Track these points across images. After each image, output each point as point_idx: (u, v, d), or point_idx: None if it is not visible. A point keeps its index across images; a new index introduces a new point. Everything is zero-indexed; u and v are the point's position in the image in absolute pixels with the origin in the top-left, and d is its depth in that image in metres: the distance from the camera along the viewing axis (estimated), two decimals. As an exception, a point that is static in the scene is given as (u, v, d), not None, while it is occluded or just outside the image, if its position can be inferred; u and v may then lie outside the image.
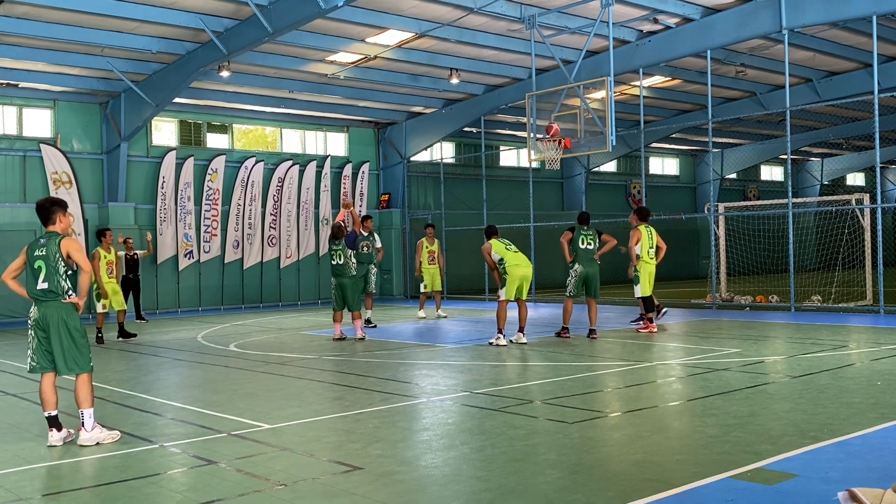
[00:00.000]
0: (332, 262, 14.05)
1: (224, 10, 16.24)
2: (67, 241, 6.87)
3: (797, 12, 16.72)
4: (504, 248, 12.71)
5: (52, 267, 6.74)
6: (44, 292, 6.76)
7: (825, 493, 4.82)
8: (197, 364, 11.72)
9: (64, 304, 6.78)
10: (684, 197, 36.07)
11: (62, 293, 6.77)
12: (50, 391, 6.79)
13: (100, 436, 6.70)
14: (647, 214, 14.52)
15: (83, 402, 6.74)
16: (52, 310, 6.75)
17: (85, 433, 6.67)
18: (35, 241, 6.93)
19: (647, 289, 14.11)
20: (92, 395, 6.84)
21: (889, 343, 11.72)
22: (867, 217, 18.26)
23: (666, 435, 6.56)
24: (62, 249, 6.78)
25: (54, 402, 6.77)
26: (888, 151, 33.97)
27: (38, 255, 6.80)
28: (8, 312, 19.97)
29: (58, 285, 6.76)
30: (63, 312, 6.77)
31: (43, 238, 6.89)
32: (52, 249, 6.77)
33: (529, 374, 10.16)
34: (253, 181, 23.34)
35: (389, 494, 5.13)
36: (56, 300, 6.76)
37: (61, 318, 6.75)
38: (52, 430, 6.70)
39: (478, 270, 24.63)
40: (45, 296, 6.77)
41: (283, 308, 23.21)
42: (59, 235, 6.89)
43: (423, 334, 15.02)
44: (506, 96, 22.86)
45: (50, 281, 6.74)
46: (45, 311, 6.76)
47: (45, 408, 6.76)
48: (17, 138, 20.78)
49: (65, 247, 6.80)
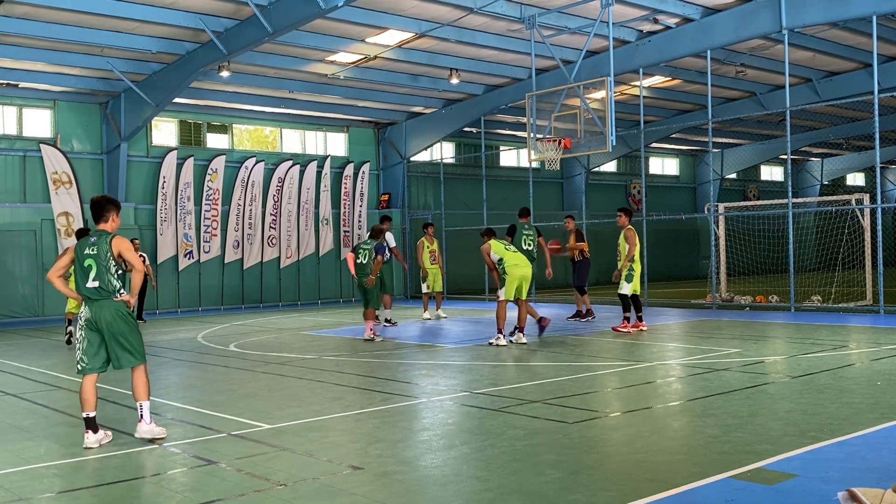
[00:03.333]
0: (357, 262, 14.09)
1: (224, 10, 16.24)
2: (118, 239, 6.92)
3: (797, 12, 16.73)
4: (503, 247, 12.71)
5: (103, 266, 6.76)
6: (95, 290, 6.76)
7: (825, 493, 4.82)
8: (197, 364, 11.72)
9: (115, 301, 6.80)
10: (684, 197, 36.07)
11: (114, 291, 6.79)
12: (91, 392, 6.76)
13: (155, 429, 6.75)
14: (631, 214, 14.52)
15: (142, 394, 6.79)
16: (104, 308, 6.77)
17: (144, 425, 6.72)
18: (84, 240, 6.91)
19: (637, 287, 14.08)
20: (149, 388, 6.88)
21: (889, 343, 11.72)
22: (867, 217, 18.26)
23: (666, 435, 6.56)
24: (113, 248, 6.81)
25: (94, 403, 6.74)
26: (888, 151, 33.98)
27: (88, 253, 6.79)
28: (8, 312, 19.99)
29: (109, 283, 6.77)
30: (115, 309, 6.80)
31: (93, 237, 6.88)
32: (104, 248, 6.79)
33: (529, 374, 10.16)
34: (253, 181, 23.34)
35: (389, 494, 5.13)
36: (108, 298, 6.78)
37: (114, 315, 6.78)
38: (89, 431, 6.63)
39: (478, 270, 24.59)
40: (97, 294, 6.77)
41: (283, 308, 23.21)
42: (110, 234, 6.91)
43: (423, 334, 15.01)
44: (506, 96, 22.86)
45: (101, 279, 6.75)
46: (98, 310, 6.76)
47: (85, 408, 6.70)
48: (17, 138, 20.79)
49: (116, 245, 6.84)
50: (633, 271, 13.95)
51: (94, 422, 6.67)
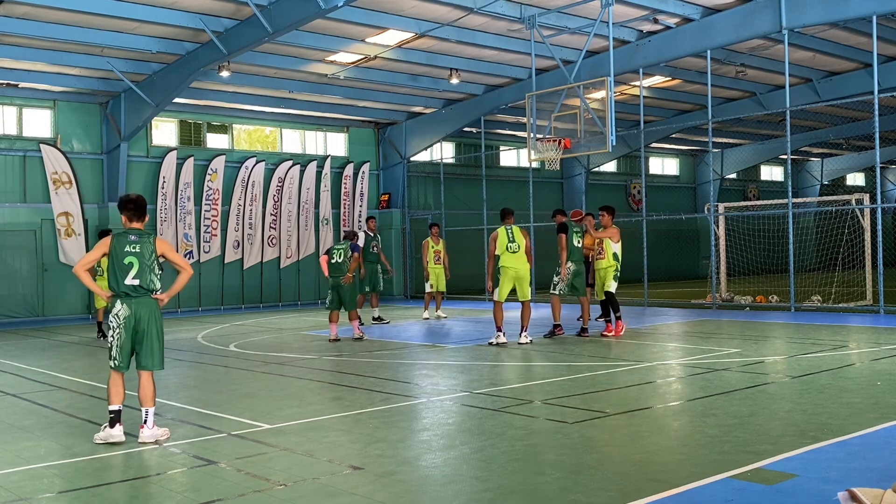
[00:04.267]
0: (331, 261, 14.07)
1: (224, 10, 16.24)
2: (162, 241, 7.03)
3: (797, 12, 16.72)
4: (506, 246, 12.65)
5: (147, 264, 6.83)
6: (135, 288, 6.81)
7: (825, 493, 4.82)
8: (197, 364, 11.72)
9: (153, 299, 6.89)
10: (684, 197, 36.06)
11: (153, 290, 6.87)
12: (121, 386, 6.83)
13: (158, 433, 6.76)
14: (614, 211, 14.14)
15: (149, 400, 6.80)
16: (143, 306, 6.84)
17: (147, 430, 6.72)
18: (123, 237, 6.91)
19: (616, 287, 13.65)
20: (155, 395, 6.91)
21: (889, 343, 11.72)
22: (867, 217, 18.26)
23: (666, 435, 6.56)
24: (158, 248, 6.90)
25: (122, 397, 6.81)
26: (888, 151, 33.97)
27: (130, 251, 6.83)
28: (8, 312, 19.99)
29: (150, 282, 6.85)
30: (154, 308, 6.90)
31: (133, 234, 6.91)
32: (148, 248, 6.86)
33: (529, 374, 10.16)
34: (253, 181, 23.35)
35: (389, 494, 5.12)
36: (147, 296, 6.86)
37: (151, 314, 6.87)
38: (118, 425, 6.69)
39: (478, 270, 24.65)
40: (136, 292, 6.82)
41: (283, 308, 23.21)
42: (152, 234, 6.99)
43: (423, 334, 15.02)
44: (506, 96, 22.85)
45: (142, 278, 6.82)
46: (137, 307, 6.83)
47: (113, 401, 6.75)
48: (17, 138, 20.78)
49: (161, 246, 6.95)
50: (618, 271, 13.58)
51: (119, 416, 6.73)
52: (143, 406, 6.81)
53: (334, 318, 14.07)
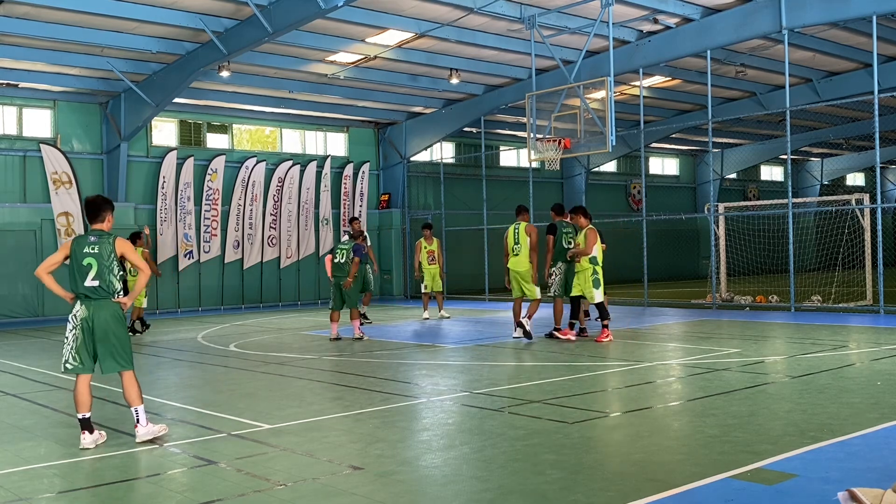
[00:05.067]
0: (334, 261, 14.09)
1: (224, 10, 16.24)
2: (122, 241, 6.89)
3: (797, 12, 16.72)
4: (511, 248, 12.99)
5: (106, 266, 6.72)
6: (94, 290, 6.71)
7: (825, 493, 4.82)
8: (197, 364, 11.72)
9: (113, 302, 6.77)
10: (684, 197, 36.07)
11: (113, 292, 6.76)
12: (86, 392, 6.73)
13: (154, 429, 6.73)
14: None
15: (135, 399, 6.74)
16: (101, 309, 6.73)
17: (142, 429, 6.68)
18: (82, 238, 6.82)
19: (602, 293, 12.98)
20: (140, 391, 6.84)
21: (889, 343, 11.72)
22: (867, 217, 18.26)
23: (666, 435, 6.56)
24: (117, 249, 6.78)
25: (89, 403, 6.71)
26: (888, 151, 33.97)
27: (88, 252, 6.71)
28: (8, 312, 19.98)
29: (109, 284, 6.73)
30: (112, 311, 6.77)
31: (92, 235, 6.81)
32: (107, 248, 6.74)
33: (529, 374, 10.15)
34: (254, 181, 23.35)
35: (389, 494, 5.12)
36: (106, 298, 6.74)
37: (111, 316, 6.75)
38: (85, 432, 6.59)
39: (478, 270, 24.67)
40: (95, 293, 6.72)
41: (283, 308, 23.21)
42: (112, 235, 6.88)
43: (423, 334, 15.02)
44: (506, 96, 22.85)
45: (101, 279, 6.71)
46: (95, 310, 6.72)
47: (80, 409, 6.66)
48: (17, 138, 20.78)
49: (120, 247, 6.81)
50: (598, 275, 12.84)
51: (89, 423, 6.64)
52: (131, 406, 6.76)
53: (335, 318, 14.10)
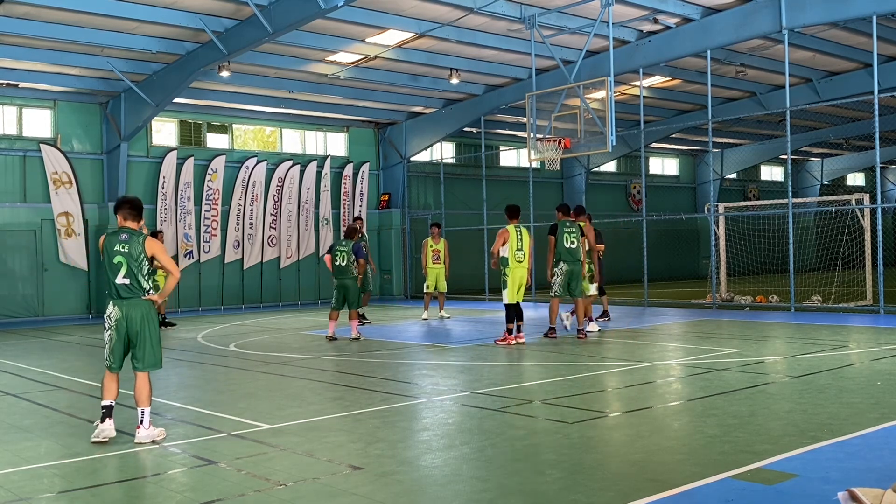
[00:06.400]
0: (334, 263, 14.08)
1: (224, 10, 16.24)
2: (152, 242, 6.90)
3: (797, 12, 16.72)
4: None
5: (135, 265, 6.76)
6: (126, 288, 6.76)
7: (825, 493, 4.82)
8: (197, 364, 11.72)
9: (144, 300, 6.82)
10: (684, 197, 36.06)
11: (143, 291, 6.80)
12: (114, 385, 6.84)
13: (154, 433, 6.75)
14: (516, 212, 13.10)
15: (144, 400, 6.78)
16: (134, 308, 6.79)
17: (143, 430, 6.70)
18: (113, 235, 6.86)
19: (513, 296, 12.65)
20: (151, 395, 6.88)
21: (889, 343, 11.72)
22: (867, 217, 18.26)
23: (666, 435, 6.56)
24: (147, 249, 6.81)
25: (115, 394, 6.83)
26: (888, 151, 33.97)
27: (118, 250, 6.76)
28: (8, 312, 19.98)
29: (139, 283, 6.78)
30: (145, 309, 6.82)
31: (123, 234, 6.83)
32: (136, 248, 6.77)
33: (529, 374, 10.16)
34: (254, 181, 23.35)
35: (389, 494, 5.13)
36: (137, 297, 6.79)
37: (144, 315, 6.81)
38: (108, 420, 6.70)
39: (478, 270, 24.65)
40: (127, 292, 6.77)
41: (283, 308, 23.21)
42: (143, 234, 6.90)
43: (423, 334, 15.02)
44: (506, 96, 22.85)
45: (131, 277, 6.76)
46: (128, 309, 6.78)
47: (105, 397, 6.78)
48: (17, 138, 20.78)
49: (150, 247, 6.84)
50: (506, 276, 12.74)
51: (110, 411, 6.73)
52: (138, 406, 6.80)
53: (334, 317, 14.12)
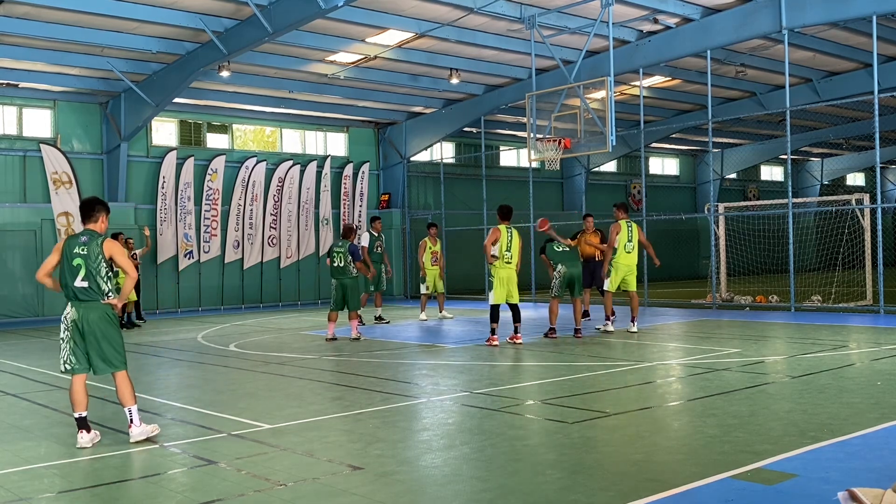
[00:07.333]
0: (332, 264, 14.06)
1: (224, 10, 16.24)
2: (110, 243, 6.82)
3: (797, 12, 16.72)
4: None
5: (94, 267, 6.67)
6: (83, 291, 6.68)
7: (825, 493, 4.82)
8: (197, 364, 11.72)
9: (103, 304, 6.74)
10: (684, 197, 36.07)
11: (102, 294, 6.72)
12: (82, 392, 6.72)
13: (147, 429, 6.73)
14: (508, 213, 12.82)
15: (128, 399, 6.74)
16: (91, 310, 6.70)
17: (136, 429, 6.68)
18: (74, 238, 6.80)
19: (499, 296, 12.61)
20: (134, 391, 6.84)
21: (889, 343, 11.72)
22: (867, 217, 18.26)
23: (666, 435, 6.56)
24: (105, 251, 6.73)
25: (85, 403, 6.71)
26: (888, 151, 33.97)
27: (77, 252, 6.68)
28: (8, 312, 19.98)
29: (98, 286, 6.69)
30: (102, 312, 6.73)
31: (84, 236, 6.77)
32: (95, 250, 6.69)
33: (529, 374, 10.16)
34: (254, 181, 23.34)
35: (389, 494, 5.12)
36: (95, 300, 6.70)
37: (100, 317, 6.72)
38: (82, 431, 6.60)
39: (478, 270, 24.64)
40: (85, 294, 6.68)
41: (283, 308, 23.20)
42: (101, 236, 6.83)
43: (423, 334, 15.02)
44: (506, 96, 22.85)
45: (89, 280, 6.67)
46: (84, 311, 6.69)
47: (76, 409, 6.67)
48: (17, 138, 20.78)
49: (108, 249, 6.75)
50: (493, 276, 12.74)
51: (86, 422, 6.65)
52: (124, 406, 6.76)
53: (333, 318, 14.10)
